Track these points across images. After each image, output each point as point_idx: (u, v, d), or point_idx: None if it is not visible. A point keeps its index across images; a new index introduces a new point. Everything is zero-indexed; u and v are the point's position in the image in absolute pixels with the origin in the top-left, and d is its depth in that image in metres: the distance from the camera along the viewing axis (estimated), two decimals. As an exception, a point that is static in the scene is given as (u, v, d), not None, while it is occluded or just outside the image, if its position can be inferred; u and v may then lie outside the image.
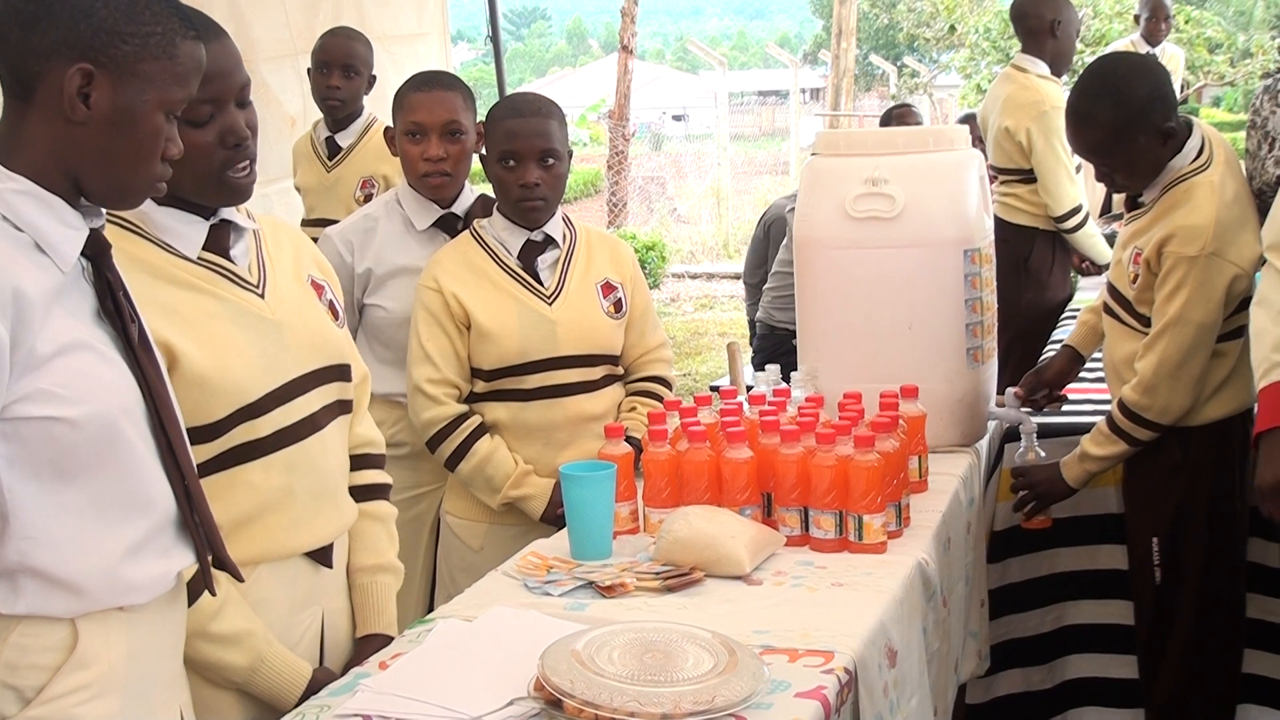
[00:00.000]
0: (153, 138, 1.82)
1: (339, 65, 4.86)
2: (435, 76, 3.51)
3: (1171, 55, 8.84)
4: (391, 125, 3.47)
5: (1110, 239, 5.34)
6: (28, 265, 1.74)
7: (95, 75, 1.76)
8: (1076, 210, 5.41)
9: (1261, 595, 3.53)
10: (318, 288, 2.39)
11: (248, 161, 2.18)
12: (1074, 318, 4.80)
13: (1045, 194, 5.41)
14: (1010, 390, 3.64)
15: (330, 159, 4.95)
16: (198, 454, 2.05)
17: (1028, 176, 5.47)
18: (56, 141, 1.79)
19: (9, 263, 1.72)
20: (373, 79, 4.92)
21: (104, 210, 1.88)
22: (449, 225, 3.41)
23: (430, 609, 3.29)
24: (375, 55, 5.00)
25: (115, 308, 1.84)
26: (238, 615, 2.16)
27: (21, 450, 1.73)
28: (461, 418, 3.14)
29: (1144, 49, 8.16)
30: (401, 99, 3.42)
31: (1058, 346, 4.52)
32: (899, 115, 6.91)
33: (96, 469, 1.78)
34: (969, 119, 6.79)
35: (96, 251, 1.84)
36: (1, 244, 1.73)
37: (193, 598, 2.04)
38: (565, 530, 2.77)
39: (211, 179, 2.15)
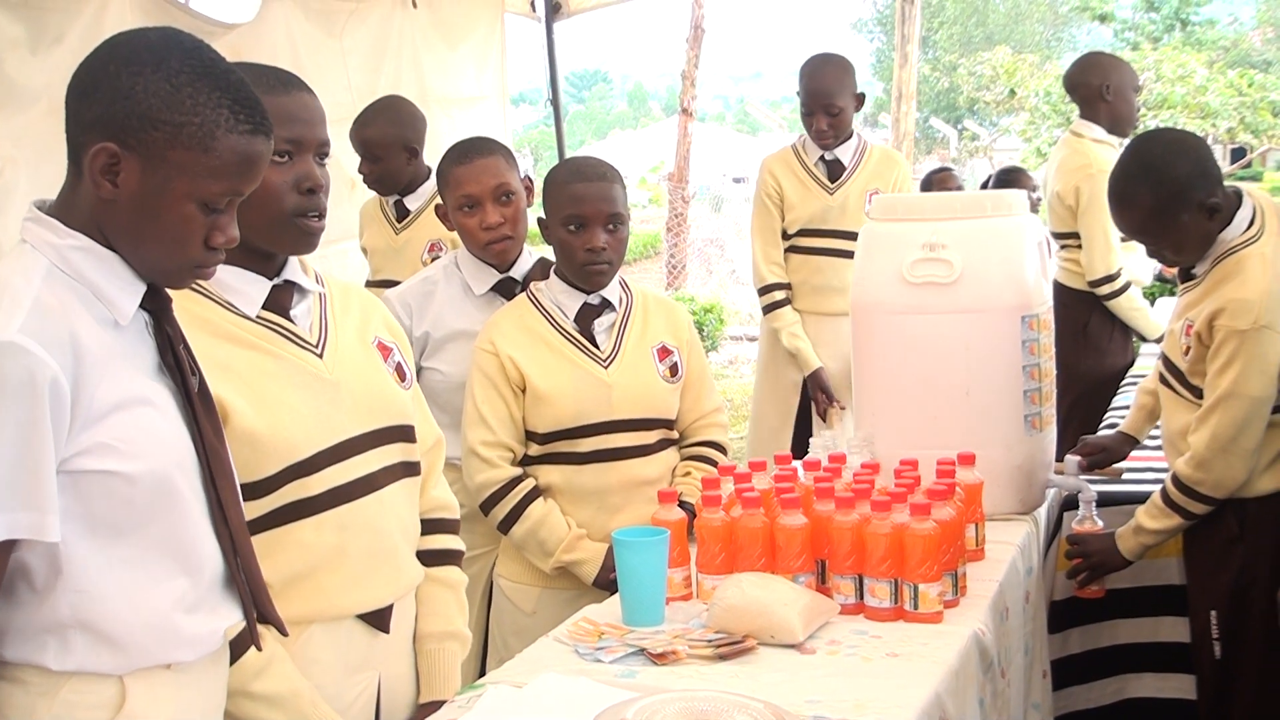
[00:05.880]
0: (181, 225, 1.80)
1: (360, 153, 4.81)
2: (472, 145, 3.47)
3: None
4: (442, 203, 3.47)
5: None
6: (86, 317, 1.77)
7: (122, 156, 1.77)
8: (1111, 278, 5.29)
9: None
10: (384, 350, 2.39)
11: (318, 212, 2.20)
12: (1135, 384, 4.76)
13: (1084, 257, 5.34)
14: (1072, 458, 3.60)
15: (399, 221, 4.96)
16: (248, 510, 2.05)
17: None
18: (96, 213, 1.81)
19: (68, 312, 1.75)
20: (413, 151, 4.79)
21: None
22: (507, 290, 3.41)
23: (482, 672, 3.27)
24: (434, 119, 4.91)
25: (175, 361, 1.86)
26: (282, 675, 2.13)
27: (78, 503, 1.75)
28: (515, 481, 3.14)
29: None
30: (445, 175, 3.42)
31: (1118, 413, 4.49)
32: (939, 180, 6.82)
33: (149, 524, 1.80)
34: (1009, 172, 6.64)
35: (156, 306, 1.86)
36: (61, 295, 1.76)
37: (237, 655, 2.04)
38: (618, 595, 2.76)
39: (281, 221, 2.17)
